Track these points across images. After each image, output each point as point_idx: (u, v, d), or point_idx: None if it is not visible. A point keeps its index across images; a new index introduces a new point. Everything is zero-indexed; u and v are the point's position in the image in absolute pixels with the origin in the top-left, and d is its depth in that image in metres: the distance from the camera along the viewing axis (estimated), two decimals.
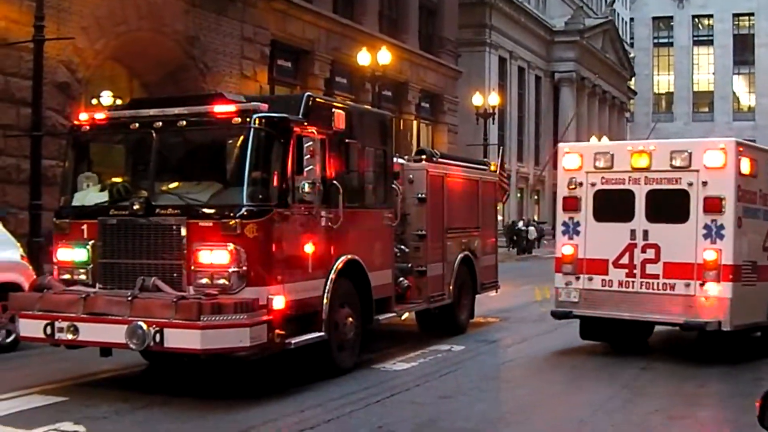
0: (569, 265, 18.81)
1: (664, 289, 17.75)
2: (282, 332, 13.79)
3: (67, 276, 14.86)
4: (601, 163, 18.62)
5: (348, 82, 49.01)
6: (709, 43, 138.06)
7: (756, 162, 18.32)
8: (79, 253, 14.69)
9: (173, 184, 14.72)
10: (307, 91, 33.98)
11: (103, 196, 14.95)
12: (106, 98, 32.16)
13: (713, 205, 17.35)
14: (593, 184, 18.72)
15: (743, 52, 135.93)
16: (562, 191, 19.21)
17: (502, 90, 74.70)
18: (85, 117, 15.58)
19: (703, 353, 19.10)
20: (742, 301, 17.37)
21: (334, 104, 16.72)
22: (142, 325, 13.03)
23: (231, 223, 13.57)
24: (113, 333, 13.37)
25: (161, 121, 14.56)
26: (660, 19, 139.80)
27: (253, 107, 14.37)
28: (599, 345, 20.61)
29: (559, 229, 19.40)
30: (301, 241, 14.67)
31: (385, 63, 41.79)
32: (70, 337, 13.80)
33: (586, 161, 18.82)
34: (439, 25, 61.96)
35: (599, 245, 18.52)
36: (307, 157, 14.22)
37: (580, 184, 18.84)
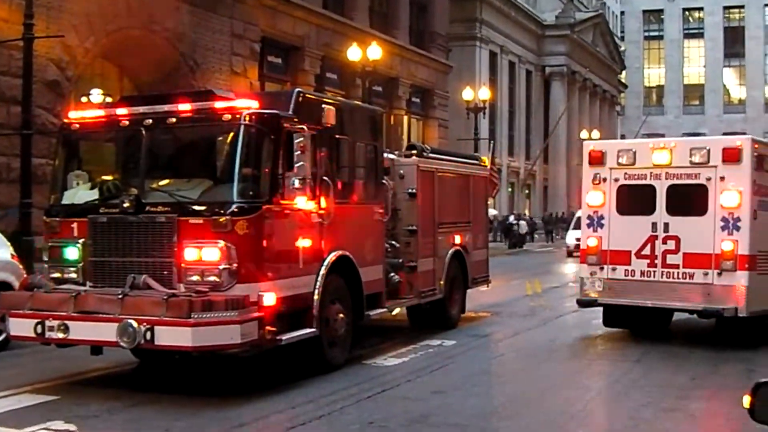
0: (594, 256, 19.83)
1: (684, 278, 18.76)
2: (273, 329, 13.78)
3: (57, 275, 14.84)
4: (624, 160, 19.64)
5: (338, 78, 48.99)
6: (699, 35, 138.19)
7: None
8: (70, 252, 14.68)
9: (163, 182, 14.71)
10: (297, 87, 34.00)
11: (94, 194, 14.94)
12: (96, 96, 32.02)
13: (730, 199, 18.36)
14: (616, 180, 19.78)
15: (734, 44, 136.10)
16: (587, 186, 20.22)
17: (493, 84, 74.70)
18: (75, 115, 15.56)
19: (695, 346, 19.19)
20: (758, 289, 18.12)
21: (325, 100, 16.72)
22: (133, 323, 13.00)
23: (221, 220, 13.56)
24: (104, 331, 13.35)
25: (151, 119, 14.53)
26: (650, 12, 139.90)
27: (243, 104, 14.36)
28: (591, 338, 20.71)
29: (583, 222, 20.42)
30: (292, 238, 14.67)
31: (375, 58, 41.76)
32: (61, 335, 13.77)
33: (610, 158, 19.84)
34: (430, 19, 61.96)
35: (622, 237, 19.54)
36: (298, 153, 14.19)
37: (604, 180, 19.88)
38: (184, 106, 14.51)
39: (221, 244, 13.49)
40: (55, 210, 15.22)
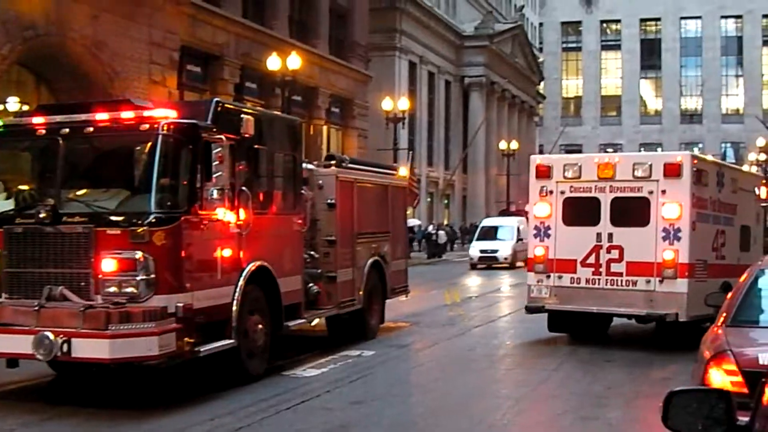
0: (541, 265, 20.74)
1: (627, 286, 19.83)
2: (191, 340, 13.75)
3: None
4: (570, 174, 20.63)
5: (258, 87, 48.82)
6: (616, 47, 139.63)
7: (707, 173, 20.80)
8: None
9: (81, 192, 14.60)
10: (216, 96, 33.89)
11: (9, 204, 14.79)
12: (13, 104, 31.73)
13: (671, 211, 19.49)
14: (563, 192, 20.72)
15: (650, 56, 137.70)
16: (534, 198, 21.07)
17: (412, 95, 74.95)
18: None
19: (611, 355, 19.41)
20: (696, 295, 18.50)
21: (243, 110, 16.73)
22: (49, 335, 12.89)
23: (139, 230, 13.48)
24: (20, 343, 13.23)
25: (68, 128, 14.41)
26: (569, 24, 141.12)
27: (161, 113, 14.30)
28: (510, 348, 20.90)
29: (530, 232, 21.34)
30: (210, 248, 14.64)
31: (295, 68, 41.68)
32: None
33: (556, 172, 20.79)
34: (350, 29, 61.98)
35: (568, 247, 20.50)
36: (216, 163, 14.15)
37: (551, 192, 20.79)
38: (102, 116, 14.41)
39: (139, 254, 13.41)
40: None
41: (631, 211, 19.96)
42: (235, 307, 15.00)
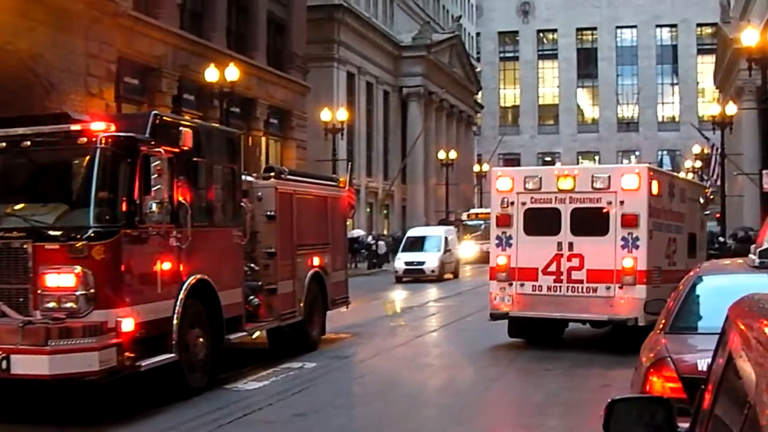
0: (503, 273, 21.47)
1: (588, 292, 20.66)
2: (132, 355, 13.66)
3: None
4: (531, 185, 21.41)
5: (196, 99, 48.61)
6: (553, 57, 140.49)
7: (661, 184, 21.84)
8: None
9: (18, 206, 14.50)
10: (154, 108, 33.71)
11: None
12: None
13: (630, 221, 20.42)
14: (523, 204, 21.46)
15: (587, 65, 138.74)
16: (496, 210, 21.89)
17: (351, 105, 74.92)
18: None
19: (550, 363, 19.52)
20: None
21: (182, 122, 16.68)
22: None
23: (78, 245, 13.40)
24: None
25: (5, 142, 14.31)
26: (506, 34, 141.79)
27: (98, 127, 14.20)
28: (451, 357, 20.94)
29: (492, 242, 22.03)
30: (150, 262, 14.56)
31: (233, 79, 41.56)
32: None
33: (517, 183, 21.55)
34: (288, 40, 61.90)
35: (529, 256, 21.24)
36: (155, 176, 14.11)
37: (512, 203, 21.53)
38: (39, 129, 14.30)
39: (78, 269, 13.31)
40: None
41: (591, 221, 20.78)
42: (175, 321, 14.93)
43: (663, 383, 8.66)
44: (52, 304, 13.39)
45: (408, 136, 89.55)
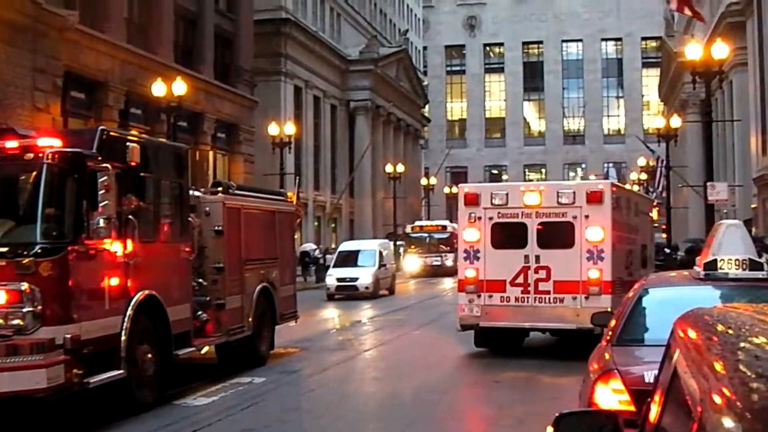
0: (471, 286, 22.11)
1: (555, 303, 21.44)
2: (80, 372, 13.59)
3: None
4: (497, 201, 22.07)
5: (143, 113, 48.40)
6: (500, 70, 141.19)
7: (621, 199, 23.03)
8: None
9: None
10: (101, 123, 33.53)
11: None
12: None
13: (595, 234, 21.22)
14: (491, 218, 22.12)
15: (533, 78, 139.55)
16: (464, 224, 22.54)
17: (298, 119, 74.80)
18: None
19: (499, 375, 19.59)
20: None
21: (129, 138, 16.62)
22: None
23: (24, 261, 13.31)
24: None
25: None
26: (452, 48, 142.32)
27: (45, 142, 14.14)
28: (400, 370, 20.94)
29: (461, 255, 22.77)
30: (98, 278, 14.49)
31: (180, 93, 41.39)
32: None
33: (484, 199, 22.22)
34: (235, 54, 61.83)
35: (497, 268, 21.89)
36: (102, 192, 14.05)
37: (479, 218, 22.15)
38: None
39: (25, 286, 13.22)
40: None
41: (557, 235, 21.66)
42: (123, 337, 14.86)
43: (611, 395, 8.74)
44: None
45: (356, 149, 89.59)
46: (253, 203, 21.85)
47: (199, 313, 18.70)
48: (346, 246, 54.61)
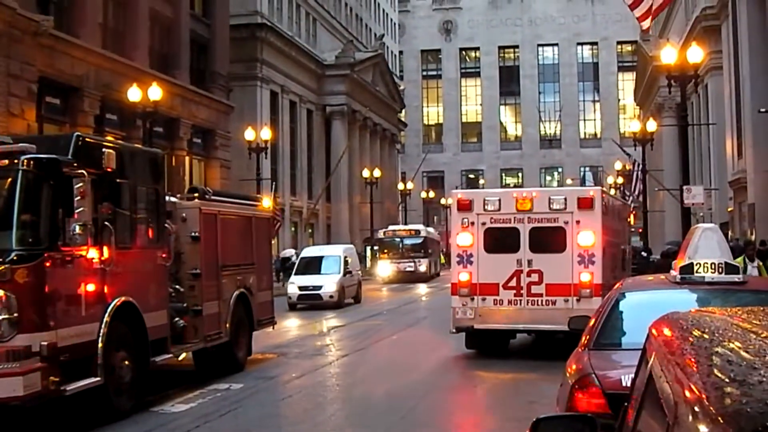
0: (465, 289, 22.73)
1: (547, 305, 22.11)
2: (57, 379, 13.53)
3: None
4: (490, 206, 22.76)
5: (119, 119, 48.31)
6: (476, 74, 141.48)
7: (607, 205, 23.77)
8: None
9: None
10: (77, 129, 33.48)
11: None
12: None
13: (586, 239, 21.93)
14: (484, 224, 22.76)
15: (509, 83, 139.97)
16: (457, 229, 23.17)
17: (274, 124, 74.76)
18: None
19: (477, 379, 19.62)
20: None
21: (105, 143, 16.57)
22: None
23: (0, 268, 13.25)
24: None
25: None
26: (428, 52, 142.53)
27: (20, 148, 14.10)
28: (377, 376, 20.94)
29: (454, 260, 23.42)
30: (74, 285, 14.44)
31: (155, 99, 41.26)
32: None
33: (477, 205, 22.88)
34: (211, 59, 61.81)
35: (490, 272, 22.55)
36: (78, 198, 14.00)
37: (472, 224, 22.79)
38: None
39: (0, 293, 13.16)
40: None
41: (549, 239, 22.31)
42: (100, 344, 14.81)
43: (588, 399, 8.75)
44: None
45: (332, 154, 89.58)
46: (230, 209, 21.82)
47: (176, 319, 18.65)
48: (308, 252, 51.23)
